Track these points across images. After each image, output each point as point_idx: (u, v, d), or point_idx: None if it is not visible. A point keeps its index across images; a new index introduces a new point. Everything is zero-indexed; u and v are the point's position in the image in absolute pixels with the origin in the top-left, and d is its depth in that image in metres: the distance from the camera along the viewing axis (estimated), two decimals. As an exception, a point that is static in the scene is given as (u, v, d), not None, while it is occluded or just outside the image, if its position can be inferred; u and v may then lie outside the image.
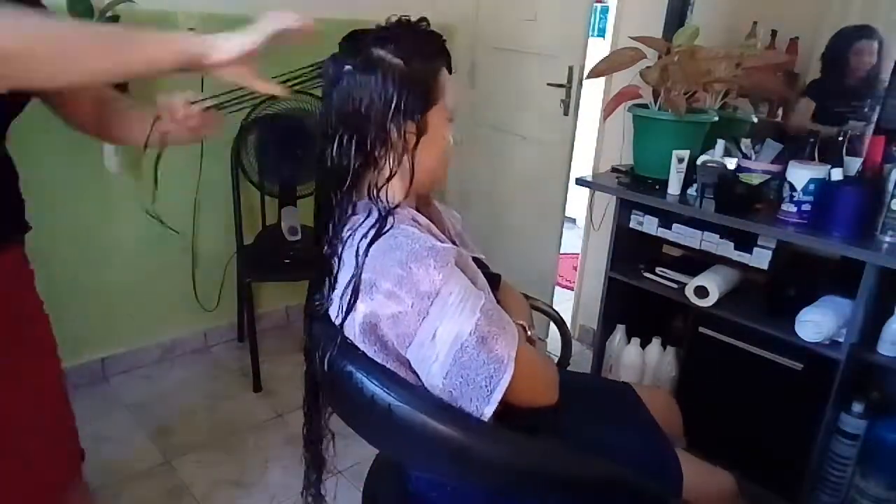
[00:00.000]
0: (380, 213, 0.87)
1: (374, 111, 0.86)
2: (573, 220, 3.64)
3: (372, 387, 0.84)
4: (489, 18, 2.68)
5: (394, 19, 0.91)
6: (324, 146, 0.90)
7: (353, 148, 0.87)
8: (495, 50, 2.60)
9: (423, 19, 0.92)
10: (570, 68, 2.36)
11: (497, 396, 0.82)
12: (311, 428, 1.05)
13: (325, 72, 0.90)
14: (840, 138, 1.57)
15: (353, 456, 1.87)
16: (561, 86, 2.40)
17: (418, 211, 0.96)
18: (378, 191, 0.89)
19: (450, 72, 0.93)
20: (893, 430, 1.57)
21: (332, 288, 0.91)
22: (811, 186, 1.52)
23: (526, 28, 2.53)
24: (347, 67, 0.87)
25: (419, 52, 0.89)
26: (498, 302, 0.95)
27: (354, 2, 2.42)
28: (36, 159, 1.91)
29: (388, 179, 0.89)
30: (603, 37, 3.51)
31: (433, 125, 0.90)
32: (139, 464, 1.86)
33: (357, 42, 0.89)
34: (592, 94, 2.58)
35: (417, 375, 0.86)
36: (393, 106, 0.86)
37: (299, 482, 1.12)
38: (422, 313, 0.81)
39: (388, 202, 0.88)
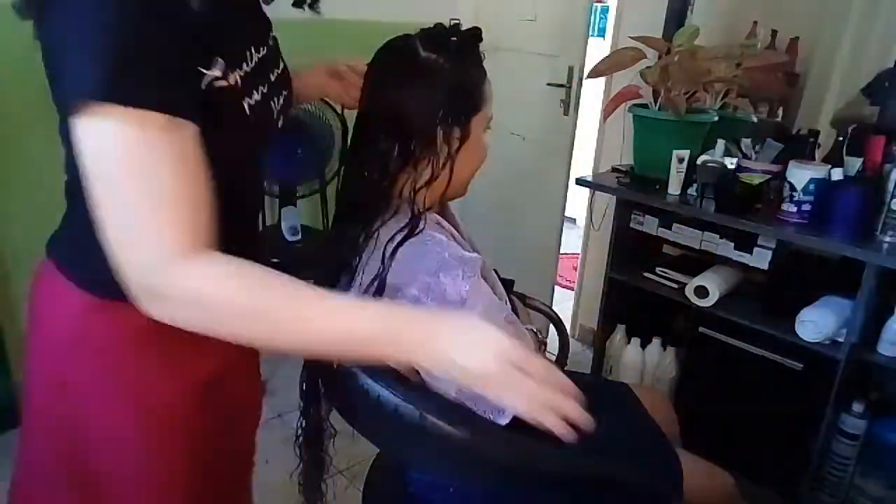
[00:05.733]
0: (412, 215, 0.86)
1: (422, 113, 0.85)
2: (573, 220, 3.64)
3: (378, 388, 0.84)
4: (489, 18, 2.68)
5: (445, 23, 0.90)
6: (362, 143, 0.90)
7: (396, 148, 0.87)
8: (495, 50, 2.59)
9: (476, 28, 0.92)
10: (570, 68, 2.36)
11: (512, 411, 0.82)
12: (310, 427, 1.05)
13: (371, 69, 0.90)
14: (840, 138, 1.57)
15: (353, 456, 1.87)
16: (561, 86, 2.39)
17: (437, 212, 0.96)
18: (416, 193, 0.88)
19: None
20: (893, 430, 1.57)
21: (349, 286, 0.90)
22: (811, 186, 1.52)
23: (526, 28, 2.53)
24: (397, 67, 0.87)
25: (469, 57, 0.89)
26: (513, 308, 0.95)
27: (357, 3, 2.42)
28: (36, 158, 1.91)
29: (429, 182, 0.88)
30: (603, 37, 3.52)
31: (474, 132, 0.90)
32: (139, 464, 1.86)
33: (405, 43, 0.89)
34: (592, 94, 2.59)
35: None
36: (443, 109, 0.85)
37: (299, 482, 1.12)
38: None
39: (422, 205, 0.88)
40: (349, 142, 0.94)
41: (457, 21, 0.91)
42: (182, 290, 0.61)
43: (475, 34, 0.91)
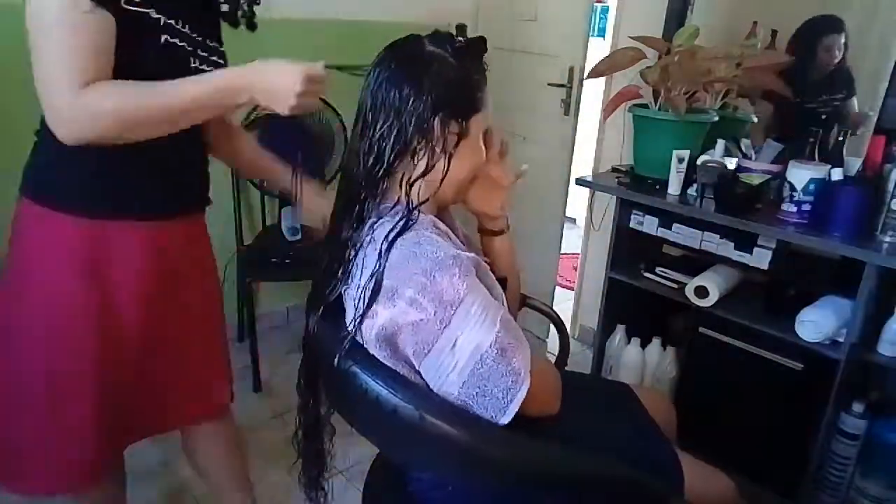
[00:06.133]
0: (406, 208, 0.87)
1: (421, 104, 0.86)
2: (573, 220, 3.64)
3: (377, 388, 0.84)
4: (489, 18, 2.68)
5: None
6: (361, 135, 0.90)
7: (393, 137, 0.87)
8: (495, 50, 2.58)
9: (482, 37, 0.93)
10: (571, 68, 2.36)
11: (514, 408, 0.83)
12: (309, 425, 1.05)
13: (377, 60, 0.90)
14: (840, 138, 1.57)
15: (353, 456, 1.87)
16: (561, 86, 2.40)
17: (434, 212, 0.96)
18: (412, 184, 0.88)
19: None
20: (893, 430, 1.57)
21: (346, 283, 0.90)
22: (811, 186, 1.52)
23: (526, 28, 2.53)
24: (401, 59, 0.87)
25: (473, 59, 0.90)
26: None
27: (359, 3, 2.43)
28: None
29: (423, 174, 0.88)
30: (603, 37, 3.52)
31: (473, 132, 0.91)
32: (139, 464, 1.85)
33: (412, 41, 0.90)
34: (592, 94, 2.58)
35: (426, 383, 0.86)
36: (442, 101, 0.86)
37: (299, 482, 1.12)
38: (444, 322, 0.81)
39: (416, 198, 0.88)
40: (349, 137, 0.95)
41: (463, 25, 0.92)
42: (84, 106, 0.88)
43: (482, 40, 0.92)
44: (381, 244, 0.84)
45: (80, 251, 1.02)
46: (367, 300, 0.84)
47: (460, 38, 0.90)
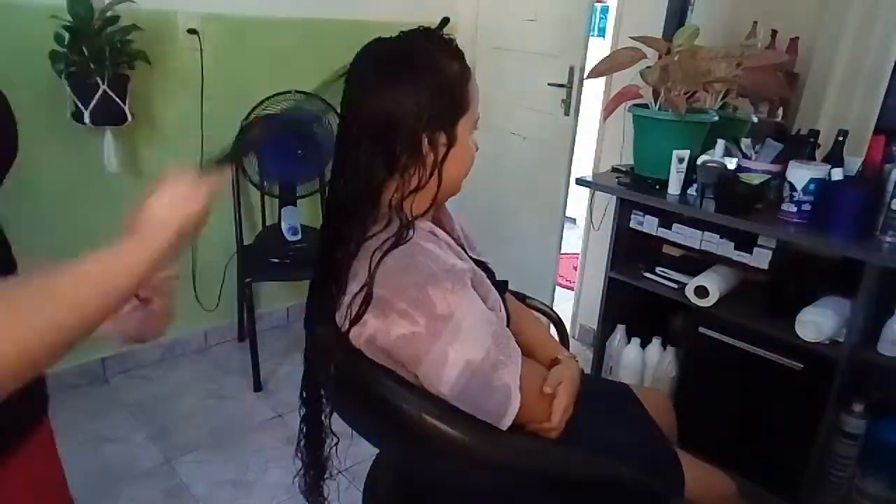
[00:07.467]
0: (400, 223, 0.84)
1: (404, 120, 0.82)
2: (573, 220, 3.64)
3: (380, 390, 0.84)
4: (489, 18, 2.68)
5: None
6: (344, 152, 0.87)
7: (379, 157, 0.83)
8: (495, 50, 2.59)
9: (445, 19, 0.88)
10: (571, 68, 2.36)
11: (507, 422, 0.82)
12: (312, 431, 1.05)
13: (349, 77, 0.86)
14: (840, 138, 1.57)
15: (353, 456, 1.86)
16: (561, 86, 2.39)
17: (431, 217, 0.94)
18: (402, 202, 0.85)
19: None
20: (893, 430, 1.57)
21: (341, 293, 0.88)
22: (811, 186, 1.52)
23: (526, 28, 2.53)
24: (374, 74, 0.84)
25: (449, 58, 0.85)
26: (507, 314, 0.94)
27: (356, 2, 2.43)
28: (36, 158, 1.91)
29: (414, 191, 0.85)
30: (603, 37, 3.51)
31: (462, 134, 0.87)
32: (139, 464, 1.86)
33: (383, 46, 0.86)
34: (592, 94, 2.58)
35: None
36: (426, 116, 0.82)
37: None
38: (435, 336, 0.79)
39: (410, 213, 0.85)
40: (335, 148, 0.90)
41: (447, 18, 0.89)
42: None
43: (443, 24, 0.88)
44: (372, 257, 0.82)
45: None
46: (356, 309, 0.82)
47: (429, 36, 0.86)
